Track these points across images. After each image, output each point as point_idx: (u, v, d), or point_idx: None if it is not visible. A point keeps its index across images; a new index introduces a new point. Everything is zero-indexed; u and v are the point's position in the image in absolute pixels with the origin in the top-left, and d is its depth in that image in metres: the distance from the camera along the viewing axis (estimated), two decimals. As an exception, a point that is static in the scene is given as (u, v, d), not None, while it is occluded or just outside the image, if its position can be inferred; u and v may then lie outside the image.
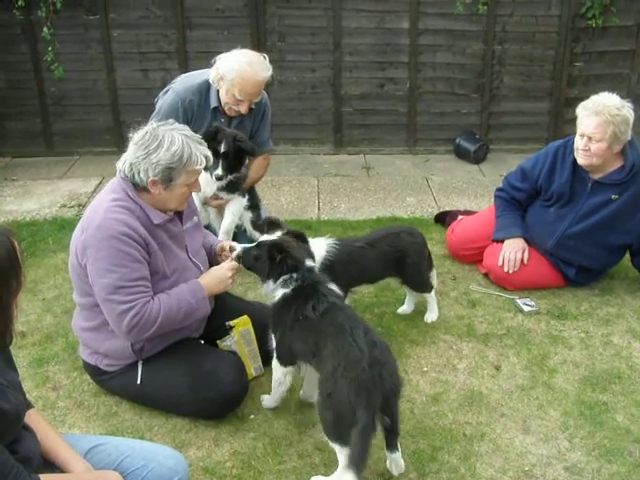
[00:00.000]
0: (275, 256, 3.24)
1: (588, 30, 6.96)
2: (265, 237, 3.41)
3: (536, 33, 7.06)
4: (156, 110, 4.63)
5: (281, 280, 3.26)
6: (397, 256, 4.07)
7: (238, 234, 4.94)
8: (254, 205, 4.88)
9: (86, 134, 7.31)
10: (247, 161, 4.65)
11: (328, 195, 6.36)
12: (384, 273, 4.16)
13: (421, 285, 4.27)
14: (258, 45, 6.84)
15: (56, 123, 7.29)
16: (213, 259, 3.70)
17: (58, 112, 7.25)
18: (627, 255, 4.66)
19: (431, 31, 7.03)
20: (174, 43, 7.00)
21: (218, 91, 4.55)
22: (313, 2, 6.90)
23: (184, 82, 4.63)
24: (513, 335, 4.17)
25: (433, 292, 4.31)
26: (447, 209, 5.87)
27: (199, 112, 4.58)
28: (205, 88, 4.57)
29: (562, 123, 7.23)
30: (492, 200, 4.96)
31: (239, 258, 3.43)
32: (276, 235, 3.39)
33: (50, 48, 6.73)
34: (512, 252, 4.59)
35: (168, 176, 3.16)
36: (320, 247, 3.82)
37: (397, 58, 7.13)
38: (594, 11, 6.77)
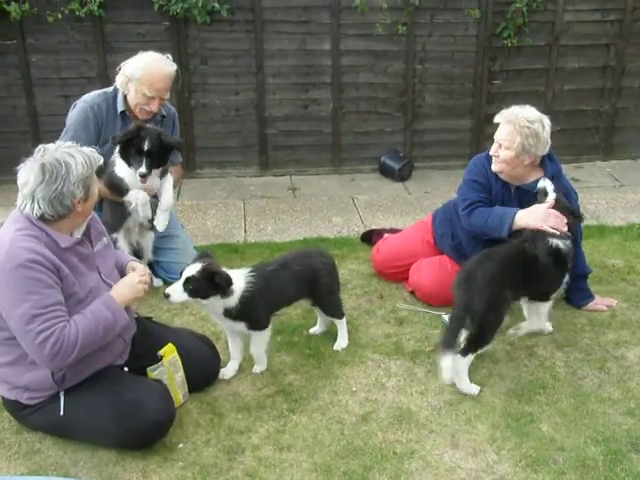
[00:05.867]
0: None
1: (504, 49, 7.18)
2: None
3: (455, 52, 7.22)
4: (67, 125, 4.68)
5: None
6: (309, 276, 4.03)
7: (154, 265, 4.95)
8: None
9: (5, 163, 7.08)
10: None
11: (254, 217, 6.34)
12: (299, 294, 4.11)
13: (333, 308, 4.21)
14: (180, 68, 6.79)
15: (-27, 151, 7.08)
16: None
17: (-25, 140, 7.05)
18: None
19: (353, 52, 7.11)
20: (95, 68, 6.89)
21: (125, 97, 4.66)
22: (234, 25, 6.89)
23: (90, 94, 4.76)
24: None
25: (344, 319, 4.25)
26: (373, 228, 5.90)
27: (108, 119, 4.67)
28: (111, 96, 4.71)
29: (483, 139, 7.33)
30: (417, 218, 4.96)
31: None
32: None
33: (-35, 74, 6.56)
34: (550, 216, 4.12)
35: (87, 187, 3.21)
36: (239, 278, 3.77)
37: (320, 79, 7.19)
38: (509, 31, 7.02)
